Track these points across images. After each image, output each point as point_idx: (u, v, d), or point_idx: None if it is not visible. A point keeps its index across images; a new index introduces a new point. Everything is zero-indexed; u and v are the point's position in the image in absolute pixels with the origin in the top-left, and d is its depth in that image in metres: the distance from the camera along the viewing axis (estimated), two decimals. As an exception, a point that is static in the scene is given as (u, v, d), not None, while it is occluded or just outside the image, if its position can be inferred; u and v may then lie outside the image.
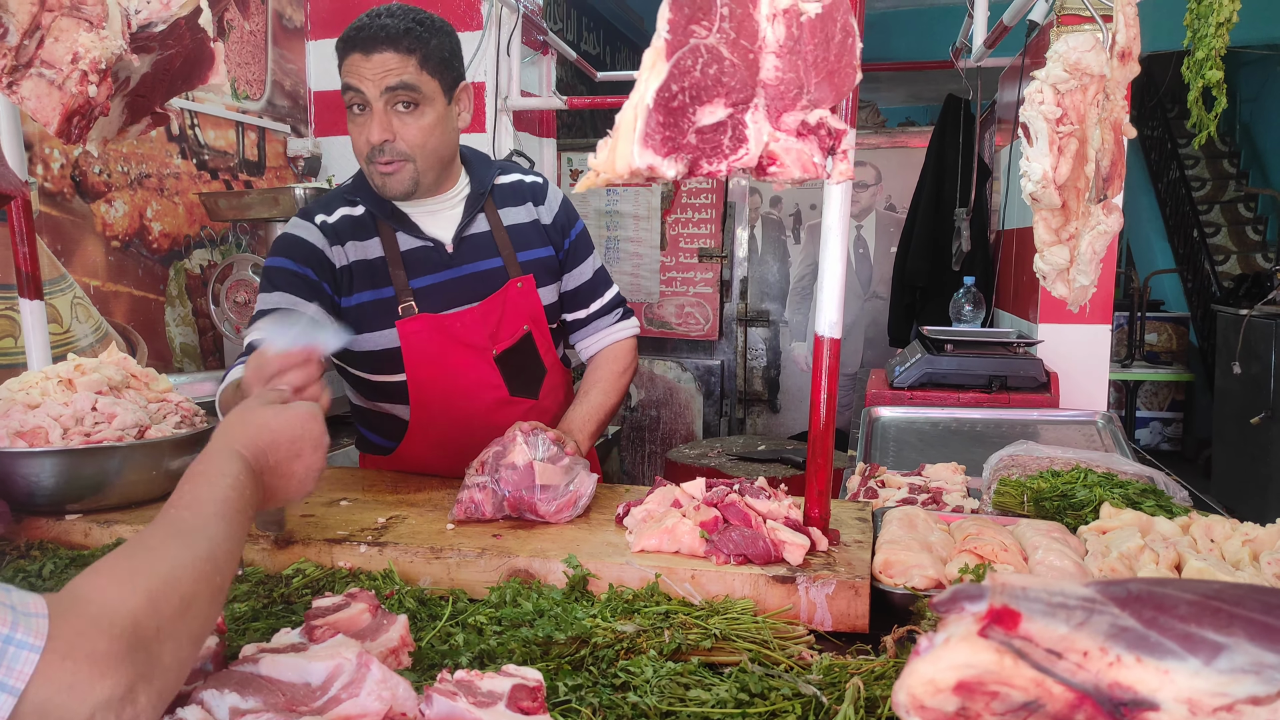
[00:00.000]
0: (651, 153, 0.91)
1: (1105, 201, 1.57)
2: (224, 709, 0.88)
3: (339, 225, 1.82)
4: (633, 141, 0.91)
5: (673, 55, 0.88)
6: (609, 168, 0.93)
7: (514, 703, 0.88)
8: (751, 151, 0.94)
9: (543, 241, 1.93)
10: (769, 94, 0.94)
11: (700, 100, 0.91)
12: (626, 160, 0.92)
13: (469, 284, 1.84)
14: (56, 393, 1.58)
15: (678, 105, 0.90)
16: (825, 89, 0.94)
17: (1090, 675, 0.53)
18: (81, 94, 1.23)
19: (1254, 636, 0.50)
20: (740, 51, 0.91)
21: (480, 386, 1.86)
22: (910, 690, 0.57)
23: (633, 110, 0.92)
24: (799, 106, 0.94)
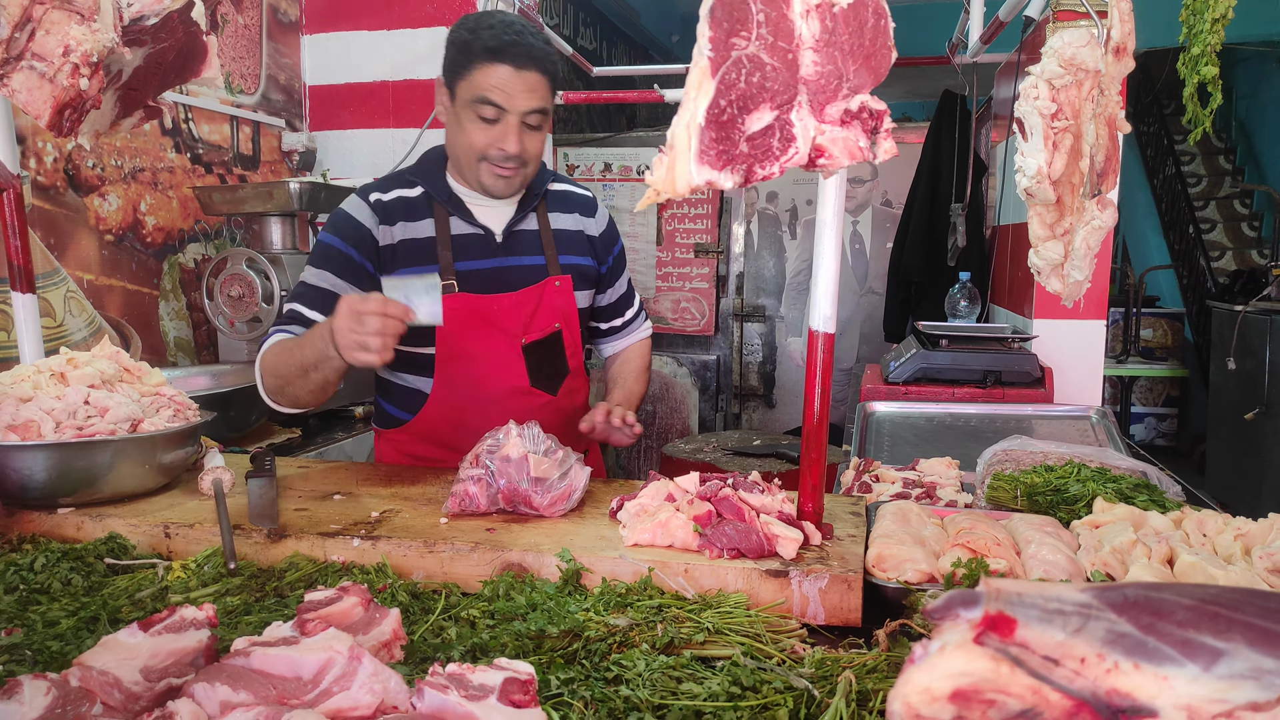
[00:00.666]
0: (708, 168, 0.93)
1: (1100, 197, 1.57)
2: (214, 702, 0.88)
3: (391, 205, 1.91)
4: (689, 160, 0.93)
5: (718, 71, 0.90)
6: (669, 187, 0.95)
7: (505, 696, 0.87)
8: (801, 149, 0.95)
9: (585, 251, 2.06)
10: (810, 89, 0.94)
11: (747, 109, 0.92)
12: (686, 179, 0.94)
13: (512, 274, 1.94)
14: (49, 386, 1.58)
15: (727, 119, 0.92)
16: (864, 74, 0.95)
17: (1088, 682, 0.52)
18: (73, 87, 1.23)
19: (1253, 642, 0.50)
20: (779, 54, 0.92)
21: (504, 372, 1.94)
22: (906, 699, 0.56)
23: (685, 130, 0.93)
24: (840, 96, 0.95)
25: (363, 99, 3.72)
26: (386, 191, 1.93)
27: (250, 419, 2.47)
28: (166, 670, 0.97)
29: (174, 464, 1.64)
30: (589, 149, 5.41)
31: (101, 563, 1.37)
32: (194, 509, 1.54)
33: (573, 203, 2.08)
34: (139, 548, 1.45)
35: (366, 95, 3.72)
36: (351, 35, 3.71)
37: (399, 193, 1.93)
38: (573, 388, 2.06)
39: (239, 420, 2.42)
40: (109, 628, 1.15)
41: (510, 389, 1.94)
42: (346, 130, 3.75)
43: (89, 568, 1.35)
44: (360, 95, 3.72)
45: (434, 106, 3.58)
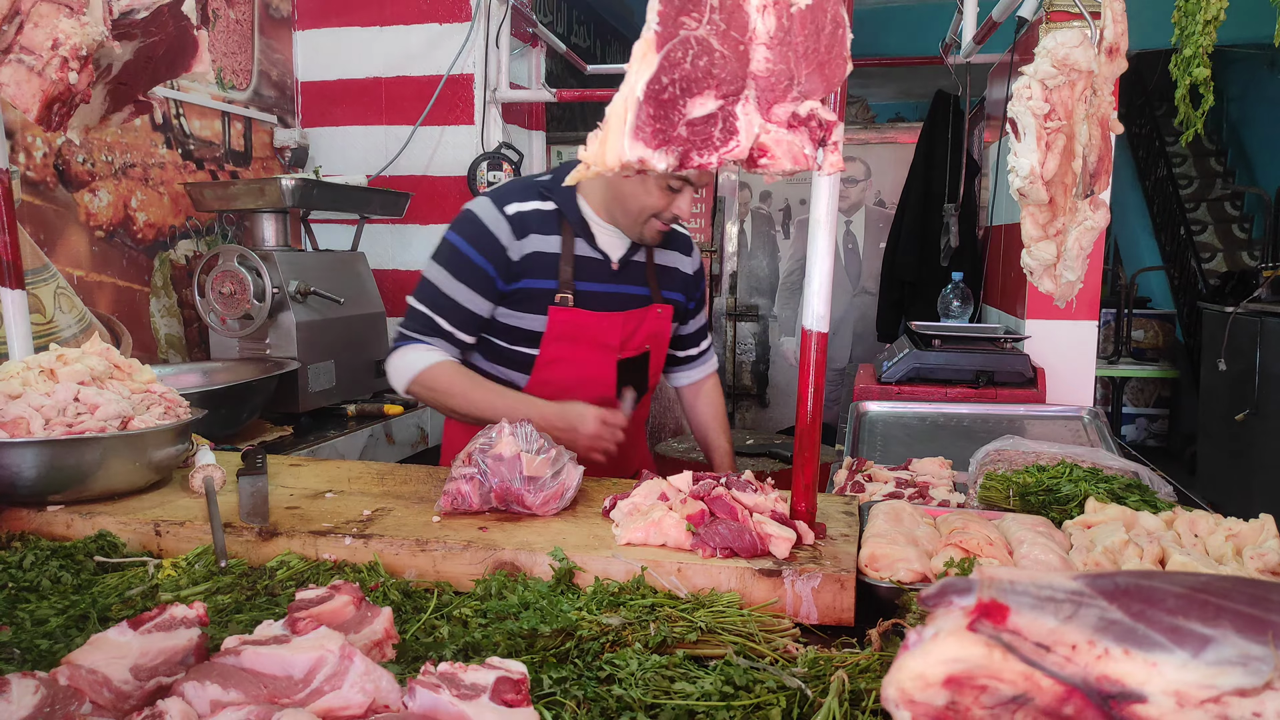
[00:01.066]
0: (642, 145, 0.90)
1: (1092, 197, 1.57)
2: (205, 701, 0.88)
3: (528, 217, 2.00)
4: (623, 134, 0.91)
5: (663, 47, 0.88)
6: (600, 160, 0.92)
7: (498, 695, 0.87)
8: (742, 144, 0.93)
9: (679, 287, 2.23)
10: (759, 85, 0.93)
11: (691, 92, 0.90)
12: (617, 153, 0.91)
13: (621, 300, 2.10)
14: (38, 383, 1.57)
15: (668, 97, 0.90)
16: (816, 80, 0.94)
17: (1079, 668, 0.53)
18: (62, 81, 1.22)
19: (1241, 629, 0.50)
20: (730, 43, 0.90)
21: (595, 381, 2.09)
22: (899, 685, 0.56)
23: (623, 102, 0.91)
24: (789, 98, 0.94)
25: (355, 95, 3.71)
26: (525, 202, 2.02)
27: (241, 416, 2.46)
28: (156, 669, 0.96)
29: (164, 461, 1.63)
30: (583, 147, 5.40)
31: (91, 561, 1.36)
32: (185, 507, 1.54)
33: (676, 242, 2.24)
34: (129, 546, 1.44)
35: (359, 92, 3.70)
36: (344, 31, 3.69)
37: (535, 205, 2.02)
38: (644, 402, 2.26)
39: (230, 418, 2.41)
40: (98, 626, 1.14)
41: (596, 398, 2.05)
42: (339, 127, 3.73)
43: (78, 566, 1.34)
44: (353, 92, 3.71)
45: (426, 103, 3.60)
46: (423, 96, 3.63)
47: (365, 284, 3.22)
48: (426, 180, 3.71)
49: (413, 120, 3.64)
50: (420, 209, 3.68)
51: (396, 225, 3.77)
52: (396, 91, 3.68)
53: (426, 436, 3.21)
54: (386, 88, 3.69)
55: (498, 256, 1.98)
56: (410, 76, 3.66)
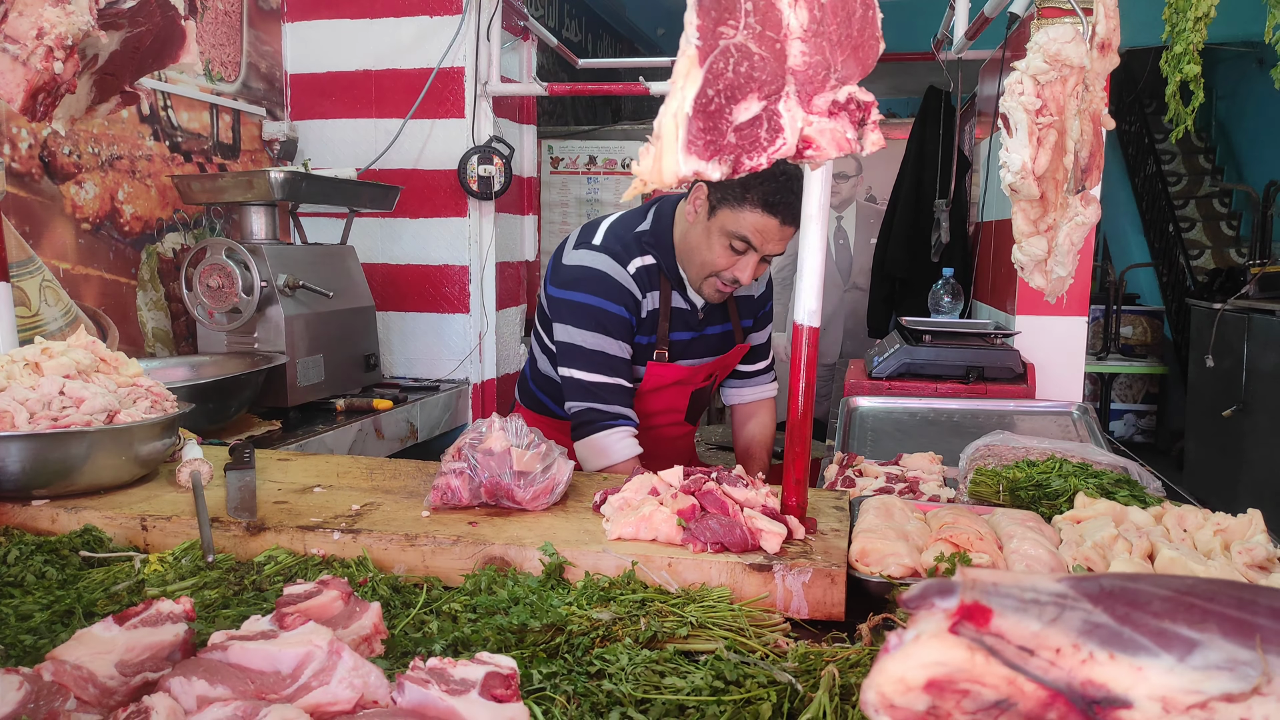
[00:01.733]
0: (696, 158, 0.92)
1: (1083, 193, 1.58)
2: (191, 697, 0.87)
3: (642, 274, 2.11)
4: (676, 150, 0.92)
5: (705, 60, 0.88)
6: (655, 177, 0.94)
7: (487, 690, 0.87)
8: (789, 140, 0.94)
9: (749, 313, 2.31)
10: (798, 80, 0.94)
11: (735, 99, 0.91)
12: (673, 169, 0.93)
13: (708, 342, 2.22)
14: (23, 376, 1.55)
15: (715, 108, 0.91)
16: (852, 64, 0.95)
17: (1063, 673, 0.52)
18: (47, 70, 1.20)
19: (1228, 633, 0.50)
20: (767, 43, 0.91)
21: (669, 410, 2.24)
22: (880, 689, 0.56)
23: (673, 119, 0.92)
24: (828, 87, 0.94)
25: (345, 88, 3.68)
26: (641, 258, 2.11)
27: (229, 411, 2.45)
28: (142, 665, 0.96)
29: (151, 456, 1.62)
30: (574, 142, 5.39)
31: (76, 555, 1.35)
32: (171, 501, 1.52)
33: None
34: (115, 540, 1.43)
35: (349, 84, 3.68)
36: (334, 23, 3.67)
37: (645, 261, 2.11)
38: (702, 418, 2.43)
39: (218, 412, 2.39)
40: (84, 621, 1.13)
41: (669, 421, 2.23)
42: (328, 120, 3.70)
43: (64, 560, 1.33)
44: (342, 84, 3.68)
45: (416, 96, 3.57)
46: (413, 89, 3.60)
47: (354, 278, 3.20)
48: (417, 173, 3.69)
49: (403, 113, 3.62)
50: (410, 202, 3.66)
51: (386, 219, 3.75)
52: (386, 84, 3.65)
53: (416, 431, 3.20)
54: (376, 80, 3.67)
55: (636, 309, 2.09)
56: (400, 69, 3.63)
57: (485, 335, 3.81)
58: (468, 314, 3.76)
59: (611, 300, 2.05)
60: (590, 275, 2.07)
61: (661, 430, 2.26)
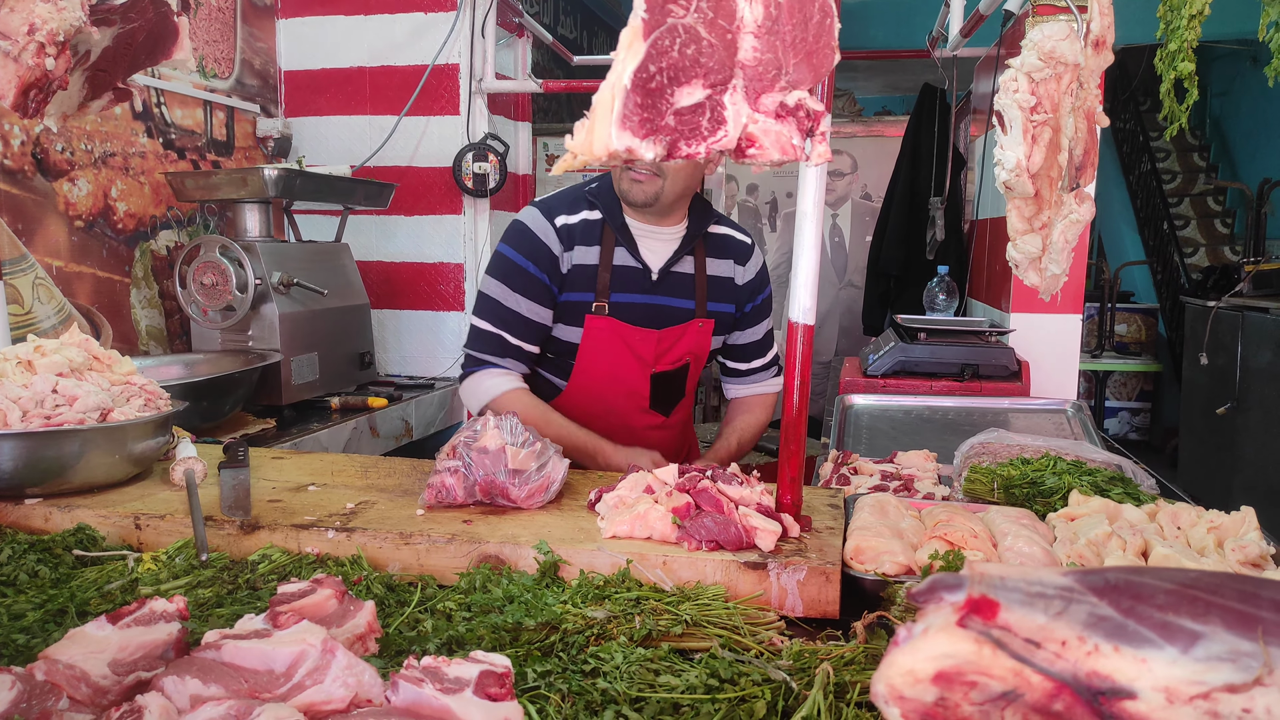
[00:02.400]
0: (630, 134, 0.89)
1: (1078, 190, 1.58)
2: (184, 696, 0.87)
3: (575, 229, 2.03)
4: (610, 123, 0.90)
5: (650, 35, 0.87)
6: (586, 150, 0.91)
7: (481, 689, 0.87)
8: (730, 133, 0.93)
9: (729, 298, 2.17)
10: (747, 75, 0.93)
11: (678, 81, 0.89)
12: (604, 142, 0.90)
13: (660, 312, 2.08)
14: (16, 374, 1.55)
15: (655, 86, 0.89)
16: (804, 70, 0.93)
17: (1068, 664, 0.53)
18: (38, 66, 1.19)
19: (1230, 625, 0.50)
20: (718, 31, 0.89)
21: (629, 394, 2.12)
22: (889, 681, 0.56)
23: (610, 91, 0.90)
24: (777, 88, 0.93)
25: (339, 85, 3.68)
26: (573, 213, 2.05)
27: (224, 409, 2.44)
28: (136, 664, 0.95)
29: (145, 454, 1.61)
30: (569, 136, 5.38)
31: (70, 554, 1.34)
32: (165, 500, 1.52)
33: (730, 248, 2.17)
34: (108, 539, 1.42)
35: (343, 81, 3.67)
36: (328, 20, 3.66)
37: (584, 215, 2.05)
38: (683, 406, 2.25)
39: (212, 410, 2.39)
40: (77, 620, 1.13)
41: (631, 409, 2.12)
42: (323, 116, 3.70)
43: (57, 559, 1.32)
44: (337, 81, 3.67)
45: (410, 93, 3.57)
46: (407, 86, 3.60)
47: (349, 275, 3.20)
48: (411, 171, 3.68)
49: (397, 110, 3.61)
50: (404, 200, 3.66)
51: (381, 216, 3.74)
52: (381, 81, 3.65)
53: (411, 429, 3.19)
54: (371, 77, 3.66)
55: (551, 267, 2.02)
56: (395, 66, 3.63)
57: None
58: (463, 312, 3.75)
59: (523, 254, 2.02)
60: (514, 229, 2.06)
61: (628, 418, 2.13)
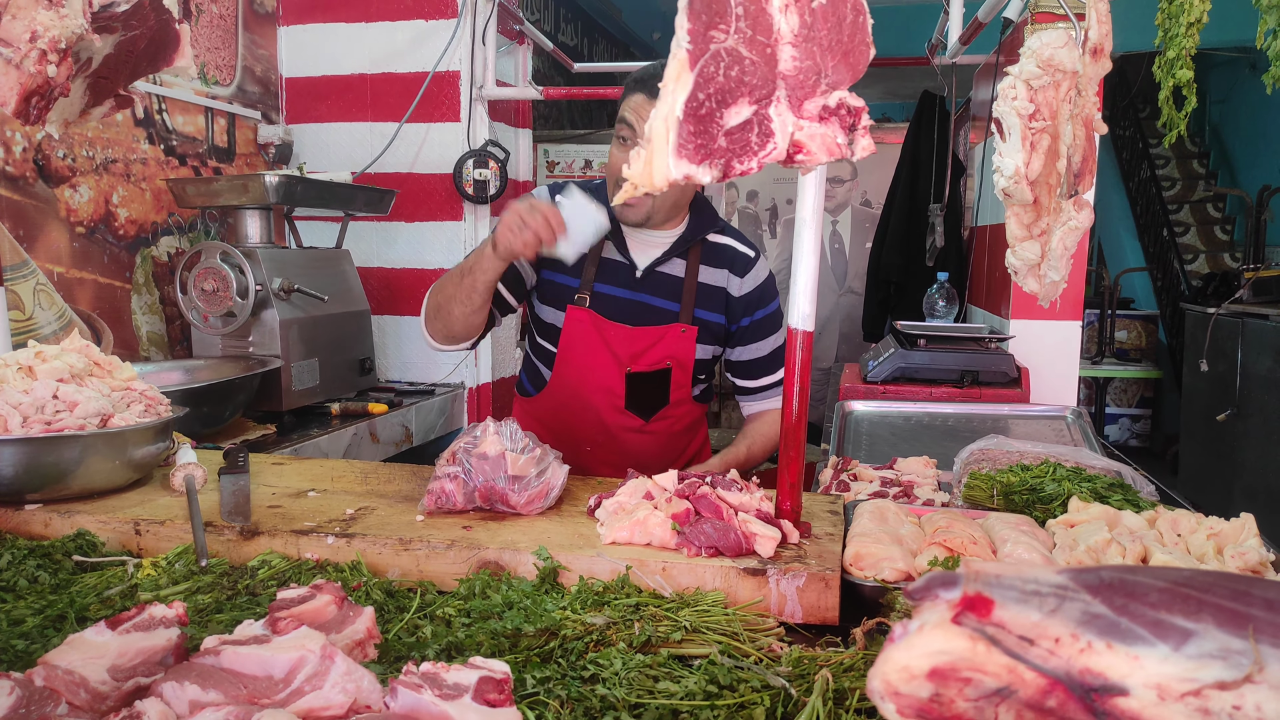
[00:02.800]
0: (686, 162, 0.92)
1: (1076, 197, 1.58)
2: (183, 702, 0.87)
3: None
4: (667, 154, 0.92)
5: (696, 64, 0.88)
6: (646, 181, 0.94)
7: (480, 695, 0.87)
8: (779, 145, 0.94)
9: (719, 309, 2.12)
10: (789, 85, 0.94)
11: (726, 103, 0.91)
12: (664, 173, 0.93)
13: (641, 310, 2.07)
14: (16, 380, 1.55)
15: (705, 112, 0.91)
16: (842, 69, 0.95)
17: (1062, 661, 0.53)
18: (40, 74, 1.20)
19: (1222, 623, 0.50)
20: (758, 48, 0.91)
21: (604, 390, 2.10)
22: (885, 677, 0.57)
23: (663, 123, 0.92)
24: (819, 92, 0.94)
25: (340, 92, 3.68)
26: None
27: (224, 415, 2.44)
28: (135, 669, 0.95)
29: (145, 460, 1.62)
30: (569, 145, 5.40)
31: (69, 560, 1.34)
32: (165, 505, 1.52)
33: (726, 258, 2.13)
34: (108, 545, 1.43)
35: (344, 88, 3.68)
36: (329, 27, 3.67)
37: None
38: (673, 416, 2.19)
39: (213, 416, 2.39)
40: (76, 626, 1.13)
41: (606, 407, 2.10)
42: (324, 123, 3.70)
43: (56, 565, 1.32)
44: (338, 88, 3.68)
45: (411, 100, 3.58)
46: (408, 93, 3.61)
47: (350, 282, 3.20)
48: (412, 177, 3.69)
49: (398, 117, 3.62)
50: (405, 206, 3.66)
51: (381, 222, 3.75)
52: (382, 88, 3.65)
53: (411, 435, 3.20)
54: (372, 84, 3.67)
55: None
56: (396, 73, 3.64)
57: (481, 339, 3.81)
58: (463, 318, 3.75)
59: None
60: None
61: (603, 415, 2.11)
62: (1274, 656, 0.48)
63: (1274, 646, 0.48)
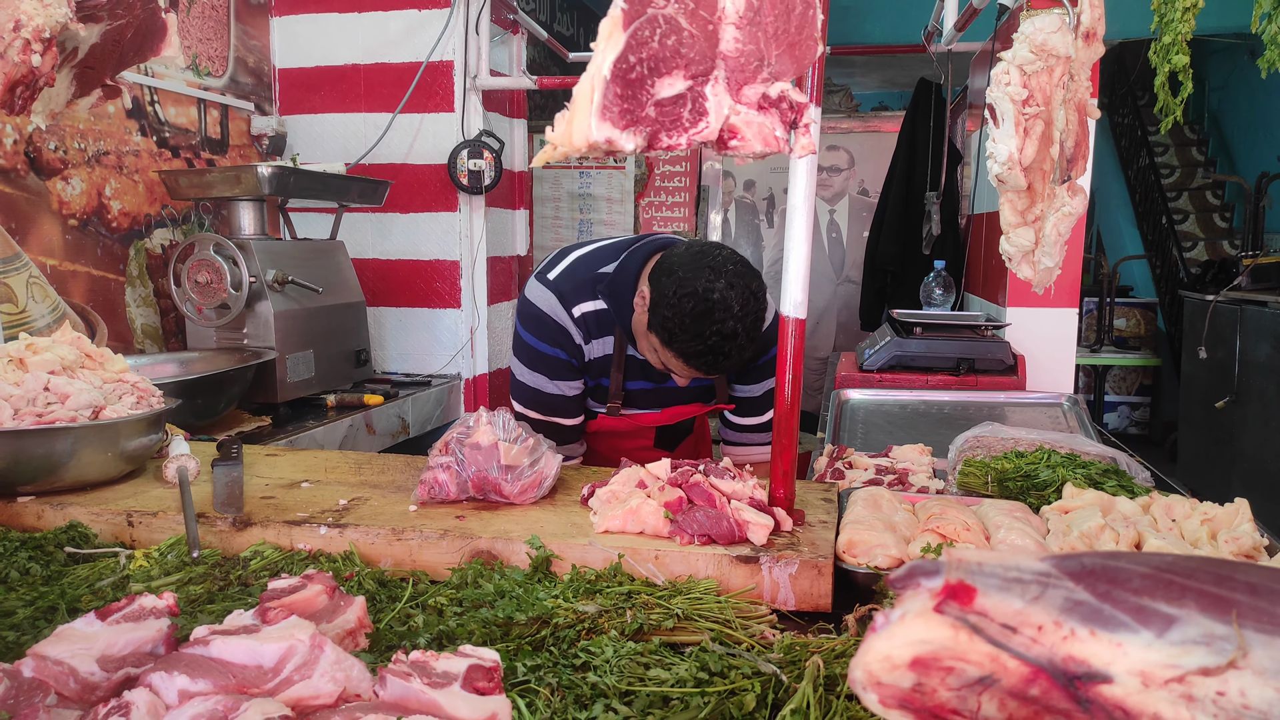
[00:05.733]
0: (609, 125, 0.89)
1: (1070, 183, 1.57)
2: (173, 691, 0.87)
3: (589, 320, 2.04)
4: (590, 114, 0.90)
5: (630, 25, 0.87)
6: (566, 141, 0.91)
7: (469, 683, 0.86)
8: (712, 125, 0.93)
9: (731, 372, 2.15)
10: (729, 66, 0.92)
11: (659, 72, 0.89)
12: (584, 133, 0.90)
13: (674, 394, 2.11)
14: (7, 372, 1.55)
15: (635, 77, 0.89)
16: (786, 61, 0.93)
17: (1045, 649, 0.53)
18: (24, 63, 1.19)
19: (1205, 608, 0.50)
20: (699, 22, 0.89)
21: (634, 441, 2.24)
22: (866, 667, 0.56)
23: (589, 82, 0.90)
24: (760, 79, 0.93)
25: (334, 82, 3.67)
26: (589, 303, 2.03)
27: (219, 407, 2.44)
28: (125, 660, 0.95)
29: (137, 451, 1.61)
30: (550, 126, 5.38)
31: (61, 552, 1.35)
32: (158, 497, 1.52)
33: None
34: (101, 536, 1.42)
35: (337, 78, 3.66)
36: (322, 17, 3.65)
37: (594, 307, 2.03)
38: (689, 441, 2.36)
39: (208, 408, 2.39)
40: (67, 617, 1.13)
41: (638, 445, 2.23)
42: (317, 114, 3.69)
43: (48, 557, 1.32)
44: (331, 78, 3.67)
45: (405, 90, 3.56)
46: (402, 83, 3.59)
47: (344, 273, 3.19)
48: (406, 168, 3.68)
49: (392, 107, 3.60)
50: (400, 197, 3.65)
51: (376, 214, 3.74)
52: (375, 78, 3.64)
53: (408, 427, 3.19)
54: (365, 74, 3.65)
55: (576, 354, 2.05)
56: (389, 63, 3.62)
57: (477, 330, 3.80)
58: (459, 309, 3.75)
59: (547, 343, 2.03)
60: (533, 314, 2.04)
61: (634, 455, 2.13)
62: (1258, 642, 0.48)
63: (1258, 631, 0.48)
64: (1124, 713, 0.49)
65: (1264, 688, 0.46)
